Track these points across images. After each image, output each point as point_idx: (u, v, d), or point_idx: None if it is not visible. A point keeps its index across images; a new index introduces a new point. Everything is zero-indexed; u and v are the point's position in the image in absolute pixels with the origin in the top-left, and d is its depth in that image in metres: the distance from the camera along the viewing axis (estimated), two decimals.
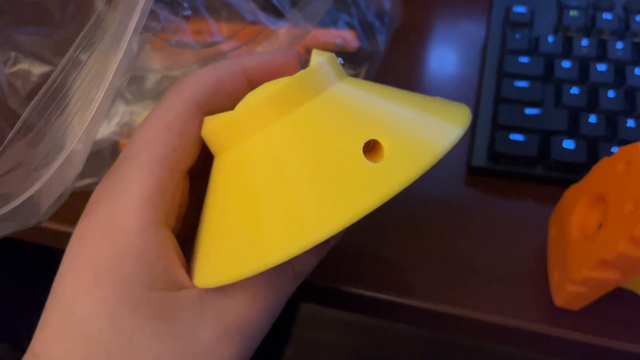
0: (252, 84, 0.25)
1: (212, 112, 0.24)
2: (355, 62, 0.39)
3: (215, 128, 0.23)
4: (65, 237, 0.34)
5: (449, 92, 0.41)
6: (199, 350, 0.21)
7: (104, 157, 0.35)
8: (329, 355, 1.02)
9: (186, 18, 0.32)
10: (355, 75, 0.39)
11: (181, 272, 0.22)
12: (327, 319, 1.05)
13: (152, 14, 0.30)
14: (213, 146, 0.24)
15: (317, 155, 0.22)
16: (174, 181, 0.23)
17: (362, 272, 0.32)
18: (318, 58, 0.23)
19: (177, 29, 0.32)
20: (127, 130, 0.35)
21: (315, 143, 0.22)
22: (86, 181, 0.35)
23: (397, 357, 1.01)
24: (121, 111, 0.35)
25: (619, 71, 0.38)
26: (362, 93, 0.24)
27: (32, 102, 0.25)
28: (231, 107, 0.23)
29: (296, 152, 0.22)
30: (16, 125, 0.25)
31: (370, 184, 0.22)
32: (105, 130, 0.35)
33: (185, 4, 0.31)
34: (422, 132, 0.23)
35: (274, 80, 0.23)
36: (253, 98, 0.22)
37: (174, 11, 0.31)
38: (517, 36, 0.40)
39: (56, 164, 0.24)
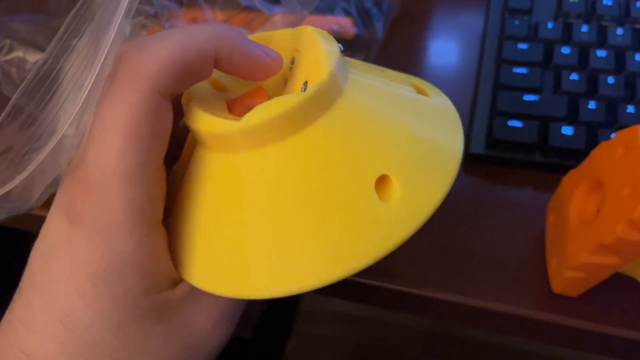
0: (219, 68, 0.22)
1: (171, 96, 0.22)
2: (352, 49, 0.38)
3: (214, 132, 0.21)
4: None
5: (448, 79, 0.41)
6: (199, 340, 0.22)
7: None
8: (330, 349, 1.02)
9: (180, 3, 0.32)
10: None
11: (173, 268, 0.22)
12: (329, 312, 1.05)
13: None
14: (204, 141, 0.22)
15: (323, 187, 0.20)
16: (157, 182, 0.21)
17: None
18: (331, 62, 0.21)
19: (170, 14, 0.31)
20: None
21: (322, 172, 0.20)
22: None
23: (399, 350, 1.01)
24: None
25: (619, 57, 0.37)
26: (368, 103, 0.22)
27: (22, 85, 0.24)
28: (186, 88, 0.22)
29: (301, 181, 0.20)
30: (6, 108, 0.24)
31: (383, 228, 0.20)
32: None
33: None
34: (429, 160, 0.22)
35: (285, 97, 0.20)
36: (265, 114, 0.20)
37: None
38: (516, 22, 0.40)
39: (47, 148, 0.23)
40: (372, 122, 0.21)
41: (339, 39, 0.38)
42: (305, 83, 0.22)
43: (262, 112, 0.20)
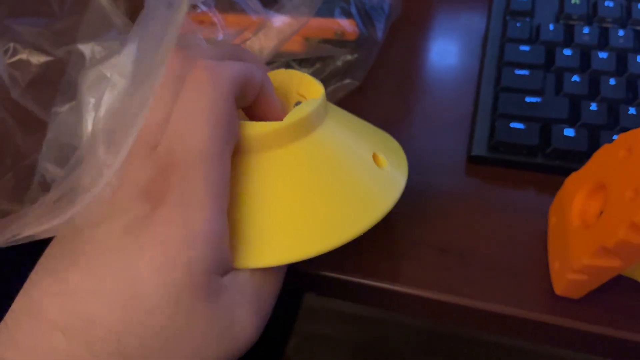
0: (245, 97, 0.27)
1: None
2: (352, 51, 0.38)
3: (262, 133, 0.26)
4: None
5: (450, 82, 0.41)
6: (237, 327, 0.24)
7: None
8: (331, 347, 1.02)
9: (194, 7, 0.32)
10: (354, 60, 0.39)
11: (230, 255, 0.24)
12: (330, 311, 1.05)
13: None
14: (249, 145, 0.26)
15: (342, 164, 0.28)
16: (229, 170, 0.24)
17: (361, 261, 0.31)
18: (322, 88, 0.29)
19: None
20: None
21: (339, 155, 0.28)
22: None
23: (399, 349, 1.01)
24: None
25: (621, 59, 0.37)
26: (345, 122, 0.31)
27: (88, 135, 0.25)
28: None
29: (324, 164, 0.27)
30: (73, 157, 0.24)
31: (386, 184, 0.29)
32: None
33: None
34: (392, 152, 0.32)
35: (302, 106, 0.27)
36: (302, 112, 0.27)
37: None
38: (518, 25, 0.40)
39: (95, 191, 0.23)
40: (352, 129, 0.31)
41: (341, 41, 0.38)
42: (297, 102, 0.30)
43: (298, 112, 0.26)
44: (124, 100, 0.22)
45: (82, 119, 0.26)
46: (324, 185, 0.27)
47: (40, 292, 0.23)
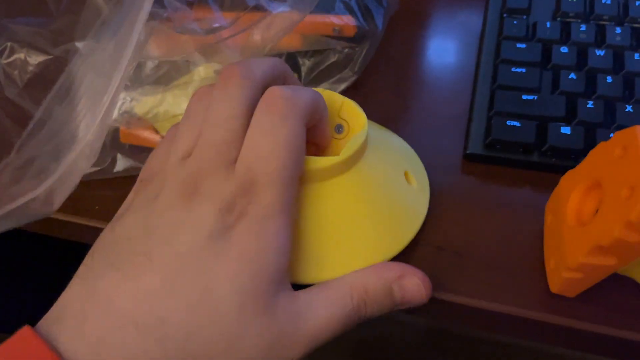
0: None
1: None
2: (353, 42, 0.38)
3: (323, 166, 0.29)
4: (71, 227, 0.35)
5: (446, 79, 0.41)
6: (286, 347, 0.25)
7: (105, 145, 0.35)
8: (331, 345, 1.02)
9: (190, 4, 0.32)
10: (352, 53, 0.39)
11: (289, 270, 0.26)
12: None
13: (158, 1, 0.31)
14: (306, 177, 0.29)
15: (385, 185, 0.31)
16: (296, 192, 0.27)
17: None
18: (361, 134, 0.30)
19: (182, 16, 0.32)
20: (127, 117, 0.36)
21: (378, 180, 0.31)
22: (89, 170, 0.35)
23: (398, 347, 1.01)
24: (121, 98, 0.35)
25: (618, 57, 0.37)
26: (380, 142, 0.33)
27: (44, 102, 0.26)
28: None
29: (374, 184, 0.31)
30: (29, 125, 0.26)
31: (416, 200, 0.33)
32: None
33: None
34: (416, 168, 0.35)
35: (355, 140, 0.30)
36: (355, 146, 0.29)
37: None
38: (515, 22, 0.40)
39: (71, 157, 0.26)
40: (387, 155, 0.33)
41: (340, 37, 0.38)
42: (338, 125, 0.32)
43: (352, 146, 0.29)
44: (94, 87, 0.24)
45: (75, 113, 0.27)
46: (370, 209, 0.30)
47: (108, 286, 0.24)
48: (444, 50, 0.43)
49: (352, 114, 0.32)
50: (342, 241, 0.29)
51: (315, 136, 0.30)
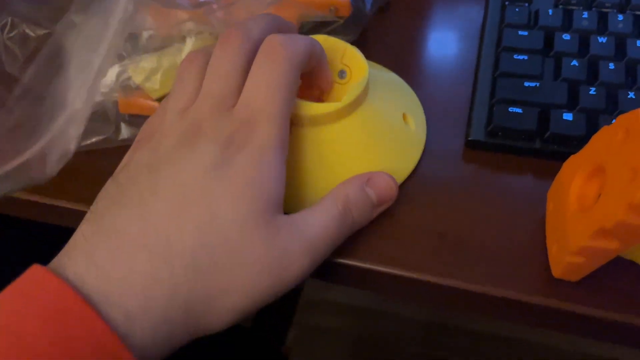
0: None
1: None
2: (345, 25, 0.39)
3: (326, 111, 0.31)
4: (74, 214, 0.35)
5: (447, 66, 0.41)
6: (288, 259, 0.27)
7: (107, 116, 0.37)
8: (331, 340, 1.02)
9: None
10: (350, 40, 0.38)
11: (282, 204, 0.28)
12: (330, 303, 1.05)
13: None
14: (310, 122, 0.32)
15: (381, 127, 0.34)
16: (288, 127, 0.29)
17: (358, 245, 0.31)
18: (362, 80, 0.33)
19: None
20: (125, 87, 0.37)
21: (379, 120, 0.34)
22: (93, 139, 0.36)
23: (398, 341, 1.01)
24: (117, 69, 0.36)
25: (620, 44, 0.37)
26: (385, 87, 0.36)
27: (32, 65, 0.27)
28: None
29: (368, 130, 0.33)
30: (16, 90, 0.27)
31: (414, 140, 0.35)
32: (106, 89, 0.36)
33: None
34: (415, 109, 0.37)
35: (357, 85, 0.32)
36: (357, 91, 0.32)
37: None
38: (517, 10, 0.40)
39: (58, 123, 0.27)
40: (387, 95, 0.36)
41: (331, 21, 0.38)
42: (342, 71, 0.34)
43: (353, 93, 0.32)
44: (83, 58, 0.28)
45: (65, 82, 0.28)
46: (371, 149, 0.33)
47: (116, 219, 0.26)
48: (446, 38, 0.42)
49: (355, 60, 0.34)
50: (343, 178, 0.32)
51: (318, 79, 0.33)
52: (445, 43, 0.42)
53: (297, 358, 0.99)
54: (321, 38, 0.34)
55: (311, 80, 0.33)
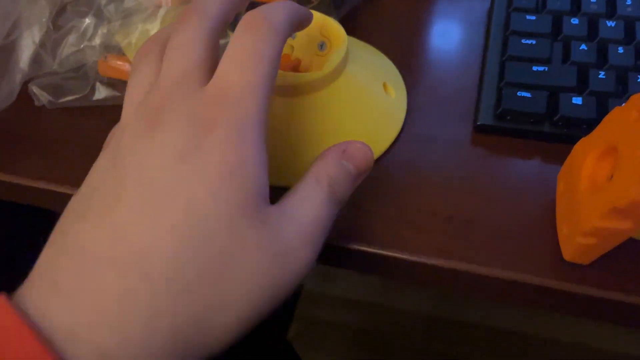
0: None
1: None
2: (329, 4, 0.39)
3: (307, 80, 0.32)
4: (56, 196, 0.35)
5: (455, 51, 0.40)
6: (289, 256, 0.24)
7: (87, 77, 0.37)
8: (332, 333, 1.02)
9: None
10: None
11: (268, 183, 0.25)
12: (331, 297, 1.05)
13: None
14: (291, 91, 0.32)
15: (363, 96, 0.34)
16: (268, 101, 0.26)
17: (365, 229, 0.31)
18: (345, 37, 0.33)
19: None
20: (107, 49, 0.37)
21: (360, 90, 0.34)
22: (69, 97, 0.37)
23: (399, 335, 1.01)
24: (100, 31, 0.37)
25: (629, 27, 0.37)
26: (364, 58, 0.36)
27: None
28: None
29: (350, 98, 0.33)
30: None
31: (395, 109, 0.36)
32: (87, 50, 0.37)
33: None
34: (395, 80, 0.38)
35: (336, 55, 0.32)
36: (336, 60, 0.32)
37: None
38: None
39: None
40: (367, 64, 0.36)
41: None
42: (321, 42, 0.34)
43: (333, 62, 0.32)
44: None
45: None
46: (353, 117, 0.33)
47: (79, 236, 0.22)
48: (453, 22, 0.42)
49: (333, 31, 0.34)
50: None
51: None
52: (452, 27, 0.42)
53: (299, 351, 0.99)
54: None
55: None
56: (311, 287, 1.06)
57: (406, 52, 0.40)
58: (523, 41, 0.37)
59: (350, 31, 0.35)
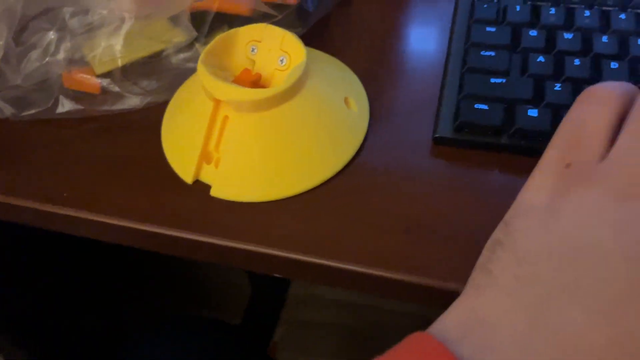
0: None
1: None
2: (297, 17, 0.39)
3: (267, 96, 0.32)
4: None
5: (418, 62, 0.41)
6: None
7: (51, 89, 0.38)
8: (319, 335, 1.03)
9: None
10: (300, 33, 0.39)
11: None
12: (317, 298, 1.05)
13: None
14: (236, 107, 0.33)
15: (327, 111, 0.35)
16: None
17: (324, 242, 0.32)
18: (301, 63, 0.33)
19: None
20: (71, 63, 0.38)
21: (320, 105, 0.35)
22: (33, 110, 0.38)
23: (388, 336, 1.01)
24: (64, 45, 0.37)
25: (586, 39, 0.37)
26: (326, 72, 0.37)
27: None
28: None
29: (316, 111, 0.34)
30: None
31: (355, 124, 0.36)
32: (51, 64, 0.38)
33: None
34: (357, 94, 0.38)
35: (295, 70, 0.33)
36: (295, 75, 0.33)
37: None
38: (485, 6, 0.40)
39: None
40: (330, 78, 0.37)
41: (283, 5, 0.38)
42: (281, 57, 0.35)
43: (291, 77, 0.33)
44: None
45: None
46: (314, 131, 0.34)
47: (560, 319, 0.21)
48: (417, 33, 0.43)
49: (293, 46, 0.34)
50: (294, 161, 0.34)
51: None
52: (416, 38, 0.43)
53: (286, 353, 1.00)
54: (260, 26, 0.35)
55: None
56: (297, 289, 1.06)
57: (373, 61, 0.41)
58: (482, 53, 0.37)
59: (318, 42, 0.35)
